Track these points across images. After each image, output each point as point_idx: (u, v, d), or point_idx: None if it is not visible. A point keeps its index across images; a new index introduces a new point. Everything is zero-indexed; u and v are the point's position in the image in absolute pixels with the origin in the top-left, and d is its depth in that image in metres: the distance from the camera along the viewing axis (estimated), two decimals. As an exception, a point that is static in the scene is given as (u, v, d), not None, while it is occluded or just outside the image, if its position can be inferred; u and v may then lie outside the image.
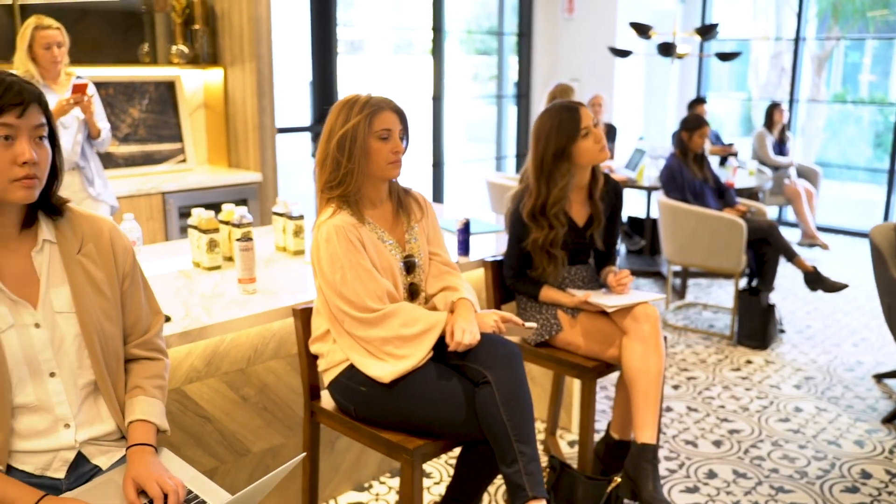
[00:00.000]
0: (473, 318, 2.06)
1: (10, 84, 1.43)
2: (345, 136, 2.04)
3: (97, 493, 1.53)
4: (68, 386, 1.57)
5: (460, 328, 1.99)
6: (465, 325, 2.01)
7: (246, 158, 4.83)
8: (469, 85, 9.40)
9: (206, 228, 2.62)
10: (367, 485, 2.95)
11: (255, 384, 2.54)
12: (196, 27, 4.74)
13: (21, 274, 1.55)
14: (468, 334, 1.98)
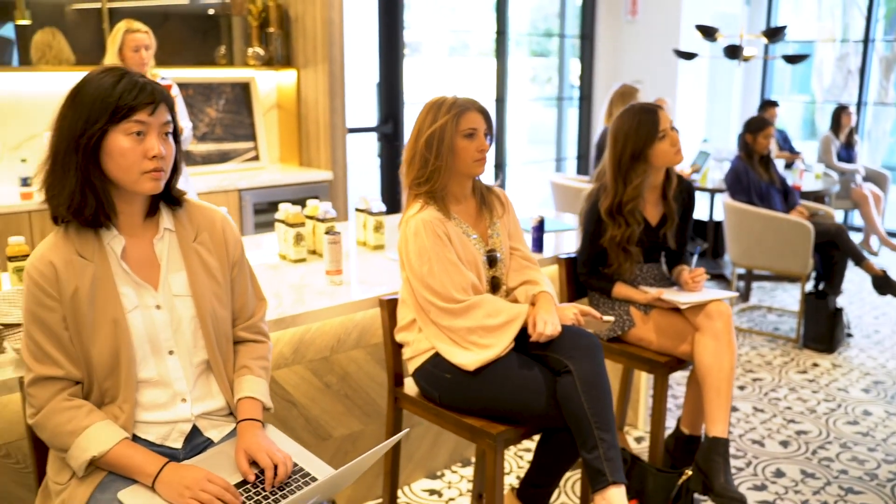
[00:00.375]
0: (554, 311, 2.14)
1: (143, 85, 1.56)
2: (433, 136, 2.14)
3: (211, 463, 1.65)
4: (185, 363, 1.70)
5: (542, 319, 2.08)
6: (547, 316, 2.09)
7: (317, 157, 4.98)
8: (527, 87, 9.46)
9: (293, 222, 2.75)
10: (440, 473, 3.05)
11: (337, 372, 2.66)
12: (271, 30, 4.91)
13: (144, 259, 1.68)
14: (550, 325, 2.07)
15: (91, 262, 1.61)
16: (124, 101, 1.53)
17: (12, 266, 2.31)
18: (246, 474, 1.62)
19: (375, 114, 6.01)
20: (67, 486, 1.60)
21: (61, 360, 1.59)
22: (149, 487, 1.56)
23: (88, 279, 1.59)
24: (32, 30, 4.18)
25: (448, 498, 2.89)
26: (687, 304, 2.54)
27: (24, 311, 1.60)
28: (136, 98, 1.54)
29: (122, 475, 1.59)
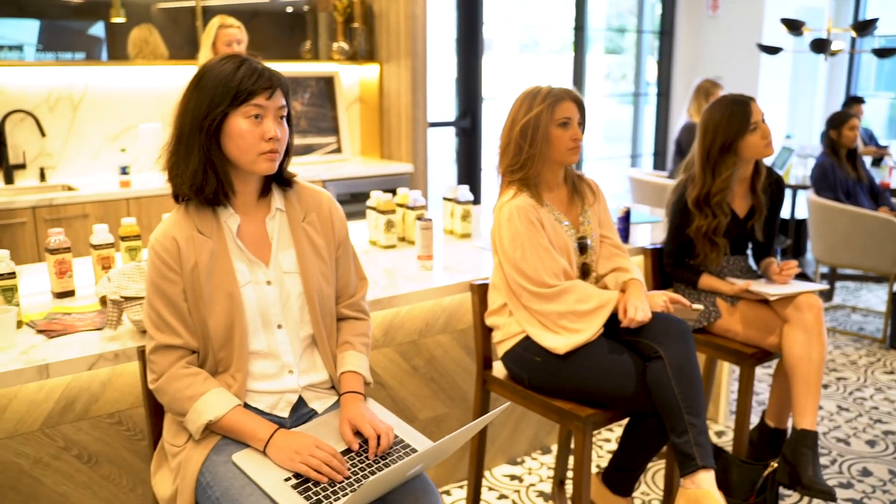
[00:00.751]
0: (644, 297, 2.18)
1: (262, 71, 1.66)
2: (527, 124, 2.20)
3: (317, 432, 1.74)
4: (292, 337, 1.80)
5: (633, 305, 2.12)
6: (638, 302, 2.13)
7: (398, 150, 5.08)
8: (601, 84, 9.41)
9: (385, 210, 2.84)
10: (520, 459, 3.11)
11: (424, 356, 2.74)
12: (355, 25, 5.02)
13: (257, 237, 1.78)
14: (640, 311, 2.10)
15: (209, 238, 1.71)
16: (244, 86, 1.63)
17: (125, 245, 2.45)
18: (350, 443, 1.71)
19: (453, 109, 6.08)
20: (184, 448, 1.71)
21: (180, 330, 1.70)
22: (260, 451, 1.66)
23: (207, 254, 1.70)
24: (127, 27, 4.38)
25: (528, 483, 2.94)
26: (776, 295, 2.53)
27: (148, 283, 1.71)
28: (255, 83, 1.64)
29: (235, 439, 1.69)
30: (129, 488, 2.21)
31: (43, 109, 4.23)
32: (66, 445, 2.09)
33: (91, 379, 2.08)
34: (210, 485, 1.63)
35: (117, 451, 2.17)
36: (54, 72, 4.24)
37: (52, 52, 4.23)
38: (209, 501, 1.62)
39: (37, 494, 2.07)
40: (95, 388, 2.10)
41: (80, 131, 4.36)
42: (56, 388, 2.04)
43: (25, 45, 4.16)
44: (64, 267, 2.31)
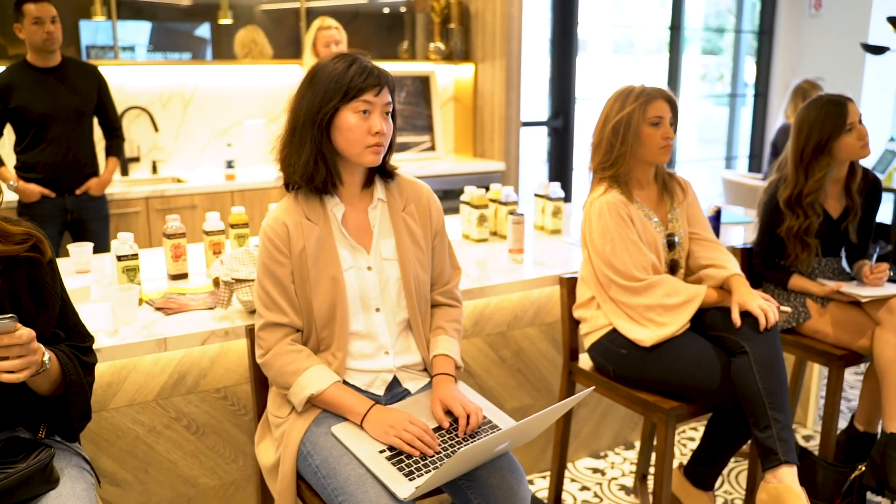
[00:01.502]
0: (759, 295, 2.20)
1: (371, 69, 1.78)
2: (619, 122, 2.25)
3: (410, 410, 1.84)
4: (389, 320, 1.91)
5: (757, 306, 2.14)
6: (761, 302, 2.15)
7: (490, 149, 5.17)
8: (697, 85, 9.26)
9: (478, 204, 2.93)
10: (603, 454, 3.16)
11: (512, 347, 2.82)
12: (452, 26, 5.14)
13: (359, 225, 1.90)
14: (771, 312, 2.14)
15: (316, 225, 1.84)
16: (355, 83, 1.75)
17: (234, 232, 2.62)
18: (441, 421, 1.81)
19: (546, 108, 6.13)
20: (287, 419, 1.85)
21: (287, 310, 1.83)
22: (357, 425, 1.78)
23: (314, 240, 1.83)
24: (233, 28, 4.61)
25: (611, 477, 2.99)
26: (868, 297, 2.51)
27: (259, 265, 1.85)
28: (365, 81, 1.76)
29: (335, 413, 1.81)
30: (232, 459, 2.37)
31: (157, 106, 4.50)
32: (177, 416, 2.26)
33: (201, 355, 2.25)
34: (310, 453, 1.75)
35: (222, 424, 2.33)
36: (167, 71, 4.50)
37: (161, 53, 4.51)
38: (309, 469, 1.75)
39: (150, 460, 2.25)
40: (205, 364, 2.27)
41: (189, 127, 4.62)
42: (170, 363, 2.21)
43: (137, 46, 4.45)
44: (179, 251, 2.49)
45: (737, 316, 2.15)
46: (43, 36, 3.41)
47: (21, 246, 1.57)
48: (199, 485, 2.34)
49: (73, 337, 1.67)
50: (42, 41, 3.42)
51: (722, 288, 2.31)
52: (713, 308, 2.26)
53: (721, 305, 2.25)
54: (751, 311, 2.16)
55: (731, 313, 2.19)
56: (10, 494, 1.44)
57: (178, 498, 2.31)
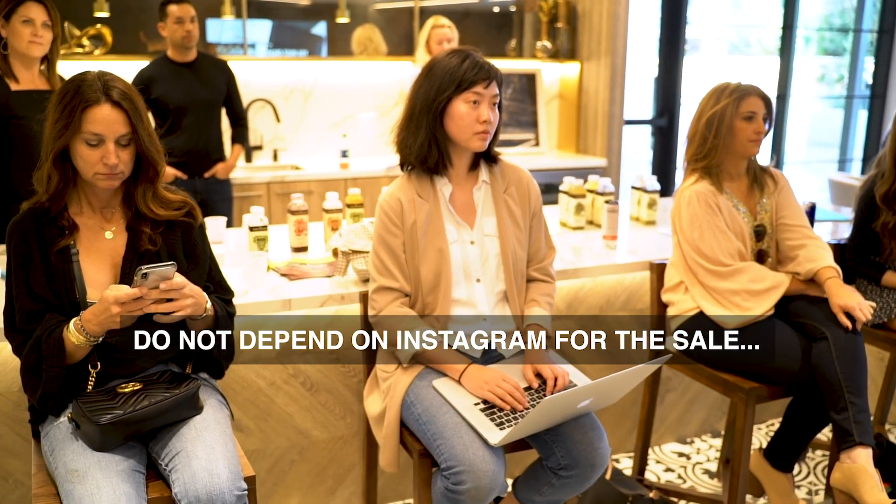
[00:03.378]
0: (856, 293, 2.27)
1: (482, 64, 1.99)
2: (713, 116, 2.38)
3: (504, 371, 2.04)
4: (487, 291, 2.11)
5: (857, 305, 2.21)
6: (858, 301, 2.23)
7: (593, 145, 5.30)
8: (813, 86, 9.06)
9: (576, 194, 3.10)
10: (690, 440, 3.26)
11: (603, 330, 2.95)
12: (559, 25, 5.29)
13: (465, 203, 2.11)
14: (866, 310, 2.22)
15: (426, 201, 2.06)
16: (467, 76, 1.96)
17: (350, 212, 2.88)
18: (531, 382, 2.00)
19: (651, 107, 6.20)
20: (393, 374, 2.07)
21: (398, 276, 2.06)
22: (455, 380, 1.99)
23: (424, 215, 2.05)
24: (350, 27, 4.91)
25: (696, 462, 3.10)
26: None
27: (375, 235, 2.09)
28: (476, 74, 1.97)
29: (436, 369, 2.03)
30: (340, 416, 2.62)
31: (279, 99, 4.84)
32: (294, 373, 2.52)
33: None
34: (413, 403, 1.97)
35: (333, 383, 2.58)
36: (289, 66, 4.85)
37: (279, 50, 4.87)
38: (411, 416, 1.97)
39: (270, 411, 2.52)
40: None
41: (308, 119, 4.95)
42: (291, 325, 2.47)
43: (258, 44, 4.82)
44: (301, 226, 2.76)
45: (844, 318, 2.22)
46: (183, 34, 3.78)
47: (178, 212, 1.86)
48: (311, 437, 2.60)
49: (218, 290, 1.94)
50: (181, 38, 3.79)
51: (812, 280, 2.39)
52: (799, 296, 2.35)
53: (805, 294, 2.34)
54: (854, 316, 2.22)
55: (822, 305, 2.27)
56: (163, 415, 1.72)
57: (292, 447, 2.58)
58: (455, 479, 1.80)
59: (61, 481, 1.62)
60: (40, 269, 1.73)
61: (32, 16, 2.73)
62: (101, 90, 1.70)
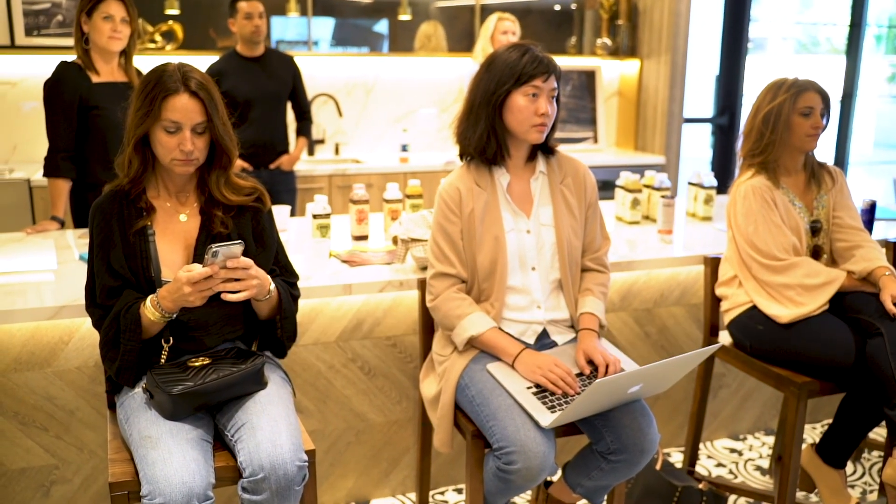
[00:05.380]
0: None
1: (541, 58, 2.04)
2: (770, 112, 2.39)
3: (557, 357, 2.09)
4: (542, 279, 2.16)
5: None
6: None
7: (652, 143, 5.29)
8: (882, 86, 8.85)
9: (632, 189, 3.13)
10: (742, 436, 3.26)
11: (657, 324, 2.99)
12: (620, 22, 5.30)
13: (522, 193, 2.16)
14: None
15: (484, 191, 2.12)
16: (526, 70, 2.01)
17: (409, 202, 2.96)
18: (582, 368, 2.05)
19: (712, 105, 6.15)
20: (449, 357, 2.14)
21: (455, 262, 2.12)
22: (509, 365, 2.04)
23: (482, 203, 2.11)
24: (412, 24, 5.00)
25: (748, 458, 3.10)
26: None
27: (434, 223, 2.16)
28: (536, 68, 2.02)
29: (490, 354, 2.09)
30: (396, 401, 2.70)
31: (342, 94, 4.96)
32: (353, 357, 2.61)
33: (377, 306, 2.58)
34: (468, 385, 2.04)
35: (390, 369, 2.66)
36: (351, 62, 4.96)
37: (341, 46, 4.98)
38: (465, 398, 2.04)
39: (328, 393, 2.61)
40: (379, 313, 2.60)
41: (369, 113, 5.05)
42: (350, 310, 2.56)
43: (321, 41, 4.94)
44: (363, 215, 2.85)
45: (892, 306, 2.23)
46: (251, 29, 3.92)
47: (249, 197, 1.96)
48: (368, 420, 2.68)
49: (284, 274, 2.03)
50: (250, 33, 3.93)
51: (867, 279, 2.38)
52: (853, 292, 2.35)
53: (860, 290, 2.34)
54: None
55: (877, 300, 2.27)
56: (230, 388, 1.81)
57: (348, 429, 2.67)
58: (507, 460, 1.86)
59: (135, 447, 1.73)
60: (120, 247, 1.85)
61: (112, 12, 2.88)
62: (180, 80, 1.81)
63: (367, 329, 2.60)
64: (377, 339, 2.62)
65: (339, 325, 2.57)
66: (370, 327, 2.60)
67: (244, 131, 4.01)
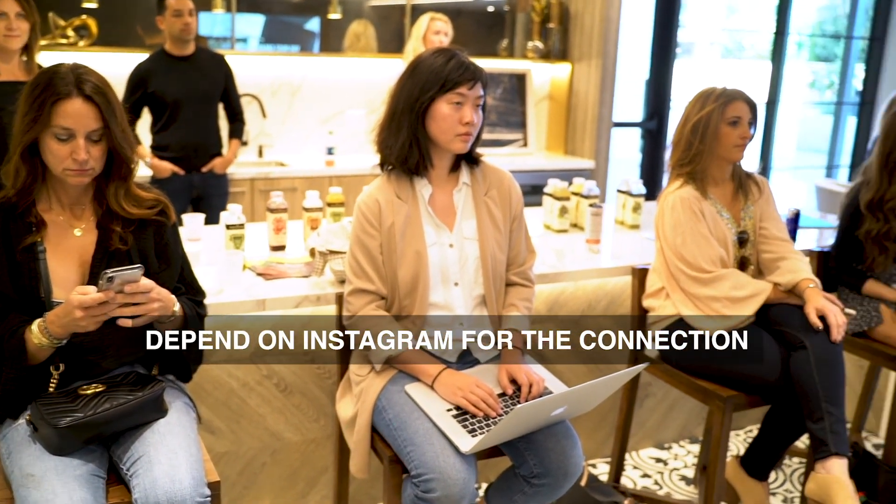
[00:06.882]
0: (833, 300, 2.26)
1: (467, 65, 1.96)
2: (699, 122, 2.36)
3: (478, 376, 2.00)
4: (465, 295, 2.08)
5: (831, 309, 2.21)
6: (834, 308, 2.23)
7: (581, 147, 5.28)
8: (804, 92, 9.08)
9: (560, 196, 3.07)
10: (667, 445, 3.24)
11: (584, 335, 2.93)
12: (551, 26, 5.26)
13: (445, 206, 2.08)
14: (840, 316, 2.21)
15: (405, 203, 2.02)
16: (451, 77, 1.93)
17: (330, 210, 2.84)
18: (505, 388, 1.97)
19: (642, 110, 6.18)
20: (366, 377, 2.04)
21: (374, 278, 2.02)
22: (428, 385, 1.95)
23: (402, 216, 2.01)
24: (342, 23, 4.87)
25: (673, 467, 3.08)
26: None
27: (352, 236, 2.05)
28: (461, 75, 1.93)
29: (409, 374, 1.99)
30: (314, 418, 2.58)
31: (266, 94, 4.80)
32: (268, 374, 2.48)
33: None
34: (385, 408, 1.94)
35: (307, 386, 2.55)
36: (277, 61, 4.81)
37: (271, 45, 4.82)
38: (383, 421, 1.94)
39: (242, 412, 2.48)
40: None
41: (295, 115, 4.91)
42: (266, 325, 2.43)
43: (250, 38, 4.78)
44: (280, 224, 2.73)
45: (816, 319, 2.21)
46: (181, 27, 3.76)
47: (151, 210, 1.82)
48: (284, 439, 2.56)
49: (190, 291, 1.90)
50: (179, 31, 3.78)
51: (791, 291, 2.36)
52: (778, 304, 2.33)
53: (785, 302, 2.32)
54: (829, 324, 2.21)
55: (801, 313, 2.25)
56: (125, 418, 1.68)
57: (264, 449, 2.54)
58: (425, 487, 1.77)
59: (16, 486, 1.58)
60: (5, 266, 1.69)
61: (5, 9, 2.71)
62: (73, 83, 1.66)
63: (284, 344, 2.47)
64: (294, 355, 2.50)
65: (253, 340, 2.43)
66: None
67: (174, 133, 3.88)
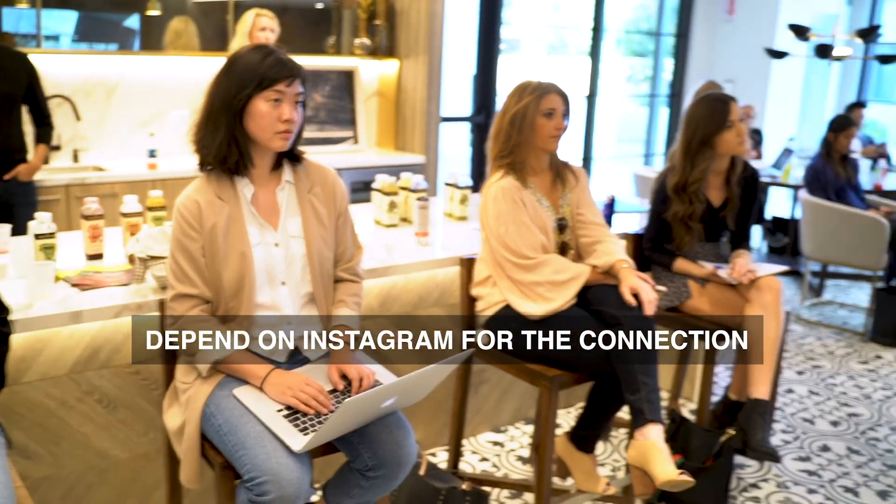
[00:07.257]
0: (644, 278, 2.39)
1: (285, 61, 1.93)
2: (517, 114, 2.45)
3: (308, 374, 1.99)
4: (293, 294, 2.06)
5: (643, 287, 2.34)
6: (643, 284, 2.35)
7: (412, 142, 5.34)
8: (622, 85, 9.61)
9: (388, 191, 3.10)
10: (503, 428, 3.36)
11: (418, 326, 2.96)
12: (378, 22, 5.29)
13: (268, 204, 2.05)
14: (649, 292, 2.34)
15: (227, 203, 1.98)
16: (268, 74, 1.90)
17: (151, 215, 2.73)
18: (336, 384, 1.97)
19: (470, 105, 6.33)
20: (192, 385, 1.98)
21: (197, 282, 1.97)
22: (257, 387, 1.92)
23: (224, 217, 1.97)
24: (162, 20, 4.67)
25: (509, 449, 3.19)
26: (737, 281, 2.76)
27: (172, 240, 1.98)
28: (278, 72, 1.91)
29: (237, 377, 1.96)
30: (143, 433, 2.48)
31: (79, 95, 4.53)
32: (89, 390, 2.35)
33: (115, 331, 2.35)
34: (214, 414, 1.89)
35: (133, 399, 2.44)
36: (91, 60, 4.54)
37: (87, 43, 4.55)
38: (212, 428, 1.89)
39: (62, 433, 2.33)
40: (118, 339, 2.37)
41: (112, 116, 4.66)
42: (84, 338, 2.31)
43: (62, 35, 4.49)
44: (96, 232, 2.59)
45: (630, 297, 2.34)
46: None
47: None
48: (111, 457, 2.43)
49: None
50: None
51: (608, 272, 2.50)
52: (596, 285, 2.46)
53: (603, 283, 2.46)
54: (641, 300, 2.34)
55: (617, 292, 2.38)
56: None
57: (89, 470, 2.41)
58: (258, 490, 1.74)
59: None
60: None
61: None
62: None
63: (105, 357, 2.36)
64: (117, 368, 2.39)
65: (70, 355, 2.31)
66: (108, 355, 2.36)
67: (-28, 138, 3.57)
